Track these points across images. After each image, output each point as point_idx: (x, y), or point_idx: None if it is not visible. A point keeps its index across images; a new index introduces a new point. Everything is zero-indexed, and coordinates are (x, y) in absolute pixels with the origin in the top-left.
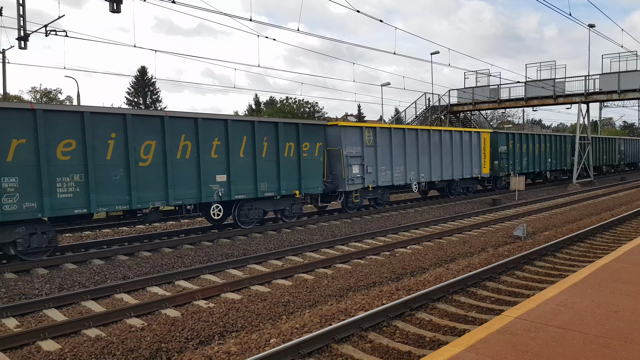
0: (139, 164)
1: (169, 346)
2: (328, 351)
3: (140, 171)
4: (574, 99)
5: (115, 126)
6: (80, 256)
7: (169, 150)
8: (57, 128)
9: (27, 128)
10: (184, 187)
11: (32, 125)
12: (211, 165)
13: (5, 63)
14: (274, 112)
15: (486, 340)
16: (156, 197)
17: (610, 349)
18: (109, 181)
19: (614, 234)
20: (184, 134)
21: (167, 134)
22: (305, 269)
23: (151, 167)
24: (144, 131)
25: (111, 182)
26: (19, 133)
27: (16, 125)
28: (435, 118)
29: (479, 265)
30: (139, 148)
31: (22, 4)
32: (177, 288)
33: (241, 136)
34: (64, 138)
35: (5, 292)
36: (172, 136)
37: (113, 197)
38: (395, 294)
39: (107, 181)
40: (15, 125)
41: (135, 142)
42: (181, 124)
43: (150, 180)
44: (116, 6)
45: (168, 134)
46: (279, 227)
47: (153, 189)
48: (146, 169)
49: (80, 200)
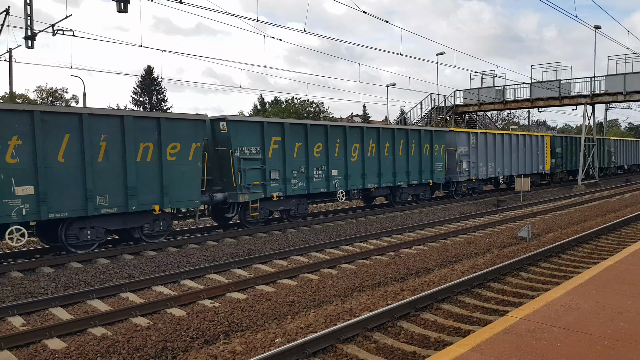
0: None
1: (174, 345)
2: (333, 351)
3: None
4: (579, 100)
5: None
6: (86, 255)
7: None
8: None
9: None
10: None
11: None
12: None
13: (11, 62)
14: (280, 112)
15: (491, 340)
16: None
17: (614, 350)
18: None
19: (619, 236)
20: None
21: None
22: (310, 269)
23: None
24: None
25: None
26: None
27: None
28: (441, 119)
29: (484, 266)
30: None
31: (29, 4)
32: (183, 287)
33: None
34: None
35: (11, 291)
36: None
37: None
38: (400, 295)
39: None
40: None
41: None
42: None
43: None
44: (123, 6)
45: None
46: (284, 227)
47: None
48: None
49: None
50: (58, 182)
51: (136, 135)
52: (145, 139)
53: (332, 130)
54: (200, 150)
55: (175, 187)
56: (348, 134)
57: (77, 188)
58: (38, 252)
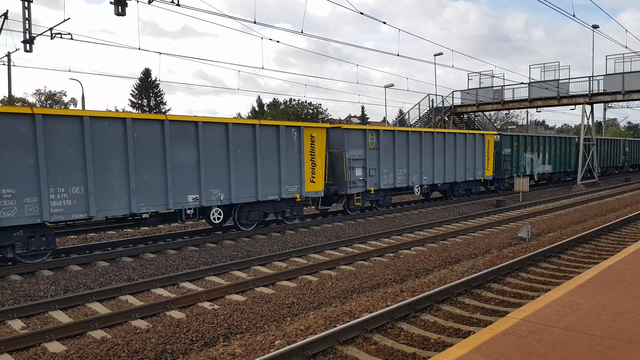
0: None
1: (174, 348)
2: (333, 353)
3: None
4: (577, 99)
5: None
6: (85, 258)
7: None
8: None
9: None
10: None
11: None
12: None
13: (10, 66)
14: (278, 114)
15: (491, 341)
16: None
17: (615, 350)
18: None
19: (619, 236)
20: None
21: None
22: (310, 271)
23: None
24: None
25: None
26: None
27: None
28: (439, 119)
29: (484, 267)
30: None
31: (27, 8)
32: (182, 290)
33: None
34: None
35: (11, 294)
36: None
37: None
38: (400, 296)
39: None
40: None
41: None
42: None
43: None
44: (121, 9)
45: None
46: (282, 229)
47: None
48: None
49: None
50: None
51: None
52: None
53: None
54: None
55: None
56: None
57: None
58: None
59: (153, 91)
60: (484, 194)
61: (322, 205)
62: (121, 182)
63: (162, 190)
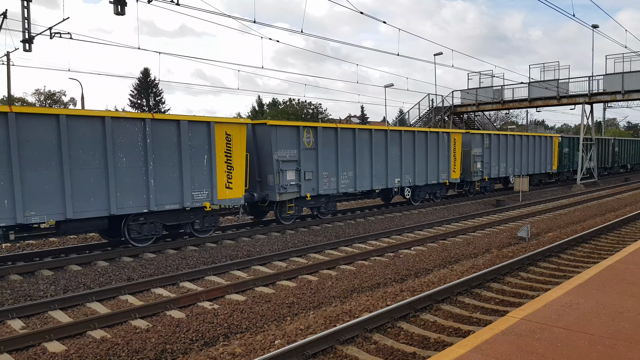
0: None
1: (173, 347)
2: (333, 352)
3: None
4: (577, 99)
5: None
6: (85, 258)
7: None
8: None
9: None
10: None
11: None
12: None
13: (9, 66)
14: (278, 114)
15: (491, 341)
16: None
17: (615, 350)
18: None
19: (618, 235)
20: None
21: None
22: (310, 270)
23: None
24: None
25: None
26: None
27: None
28: (439, 119)
29: (483, 267)
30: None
31: (26, 7)
32: (182, 289)
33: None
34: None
35: (10, 294)
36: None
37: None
38: (400, 295)
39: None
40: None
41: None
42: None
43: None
44: (120, 9)
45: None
46: (282, 229)
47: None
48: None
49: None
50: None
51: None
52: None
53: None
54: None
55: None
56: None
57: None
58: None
59: (152, 91)
60: (451, 198)
61: (250, 215)
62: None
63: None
